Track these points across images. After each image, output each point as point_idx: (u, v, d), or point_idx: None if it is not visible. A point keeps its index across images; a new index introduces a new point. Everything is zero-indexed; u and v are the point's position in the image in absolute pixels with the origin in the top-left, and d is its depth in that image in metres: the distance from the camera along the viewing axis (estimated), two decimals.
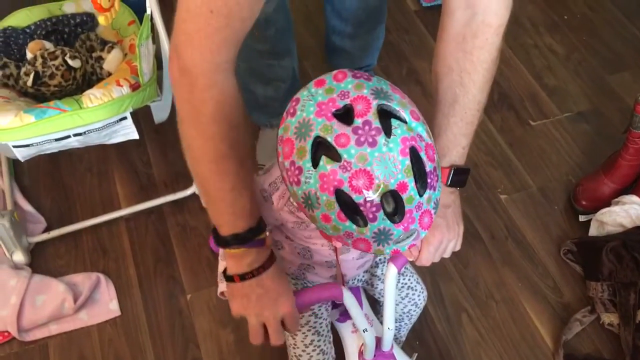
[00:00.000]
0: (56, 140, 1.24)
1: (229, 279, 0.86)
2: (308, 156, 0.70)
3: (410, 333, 1.28)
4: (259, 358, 1.36)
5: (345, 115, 0.70)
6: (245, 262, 0.84)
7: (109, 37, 1.49)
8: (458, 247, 0.97)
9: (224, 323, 1.41)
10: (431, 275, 1.47)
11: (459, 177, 0.92)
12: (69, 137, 1.24)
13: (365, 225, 0.70)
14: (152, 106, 1.41)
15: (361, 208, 0.69)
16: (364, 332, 0.94)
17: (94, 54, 1.43)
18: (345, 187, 0.68)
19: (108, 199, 1.62)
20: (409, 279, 1.13)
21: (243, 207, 0.81)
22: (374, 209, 0.69)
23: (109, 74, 1.38)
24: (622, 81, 1.90)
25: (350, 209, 0.69)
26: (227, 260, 0.86)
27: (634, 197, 1.51)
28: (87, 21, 1.52)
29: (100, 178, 1.66)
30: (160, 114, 1.46)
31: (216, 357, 1.36)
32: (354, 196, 0.69)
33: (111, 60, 1.40)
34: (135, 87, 1.27)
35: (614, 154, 1.59)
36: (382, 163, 0.68)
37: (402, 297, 1.12)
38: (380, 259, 1.12)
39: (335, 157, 0.69)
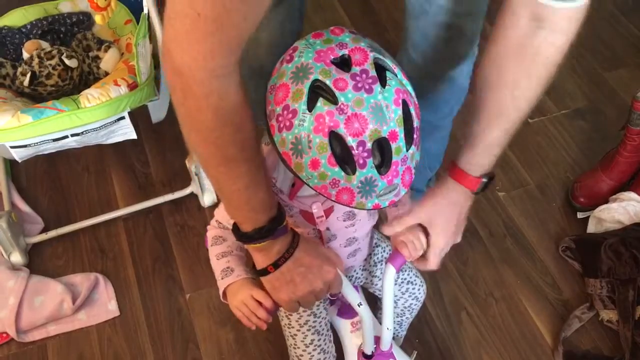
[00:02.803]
0: (54, 140, 1.24)
1: (263, 273, 0.84)
2: (305, 98, 0.71)
3: (410, 332, 1.28)
4: (259, 357, 1.36)
5: (342, 64, 0.73)
6: (273, 251, 0.82)
7: (105, 36, 1.49)
8: (458, 240, 0.97)
9: (223, 322, 1.41)
10: (430, 273, 1.46)
11: (487, 185, 0.91)
12: (66, 137, 1.24)
13: (354, 172, 0.72)
14: (150, 105, 1.40)
15: (353, 152, 0.71)
16: (358, 306, 0.93)
17: (90, 54, 1.43)
18: (341, 129, 0.71)
19: (106, 199, 1.61)
20: (408, 274, 1.13)
21: (261, 201, 0.79)
22: (365, 154, 0.71)
23: (106, 74, 1.37)
24: (619, 78, 1.90)
25: (342, 154, 0.72)
26: (254, 256, 0.84)
27: (632, 194, 1.51)
28: (84, 20, 1.51)
29: (97, 178, 1.66)
30: (157, 113, 1.46)
31: (216, 356, 1.36)
32: (347, 139, 0.71)
33: (108, 59, 1.40)
34: (132, 87, 1.27)
35: (611, 151, 1.60)
36: (377, 109, 0.71)
37: (402, 292, 1.13)
38: (377, 258, 1.12)
39: (332, 100, 0.71)
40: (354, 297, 0.93)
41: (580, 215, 1.57)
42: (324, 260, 0.86)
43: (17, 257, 1.45)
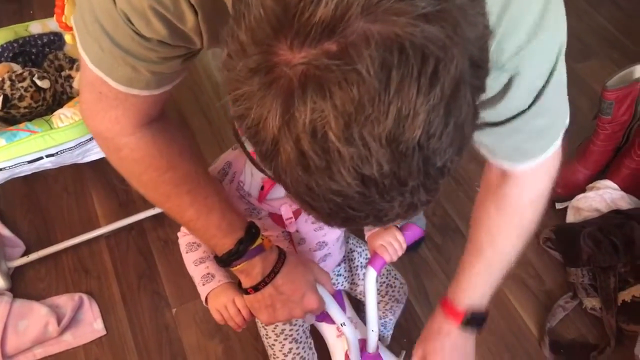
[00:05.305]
0: (29, 162, 1.23)
1: (245, 292, 0.85)
2: None
3: (397, 331, 1.29)
4: None
5: None
6: (254, 273, 0.82)
7: (77, 55, 1.48)
8: None
9: (211, 334, 1.40)
10: (414, 272, 1.48)
11: (474, 321, 0.89)
12: (41, 158, 1.23)
13: None
14: None
15: None
16: (342, 325, 0.94)
17: (63, 73, 1.42)
18: None
19: (87, 218, 1.60)
20: (387, 277, 1.13)
21: (218, 226, 0.80)
22: None
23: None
24: (589, 69, 1.93)
25: None
26: (239, 277, 0.85)
27: (607, 182, 1.54)
28: (55, 40, 1.51)
29: (77, 197, 1.65)
30: None
31: None
32: None
33: None
34: None
35: (585, 141, 1.62)
36: None
37: (382, 295, 1.13)
38: (355, 263, 1.13)
39: None
40: (338, 317, 0.93)
41: (558, 205, 1.59)
42: (308, 289, 0.86)
43: None
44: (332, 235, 1.01)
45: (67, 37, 1.33)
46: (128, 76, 0.64)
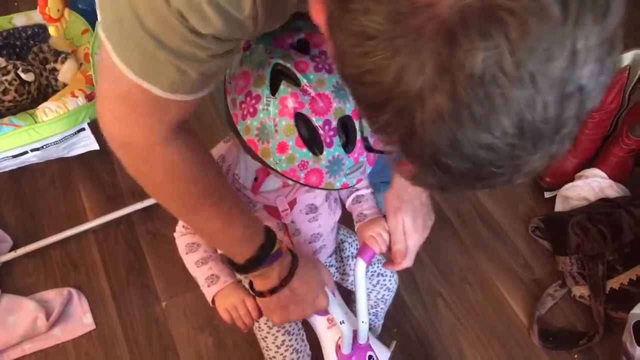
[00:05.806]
0: (14, 156, 1.22)
1: (259, 294, 0.85)
2: (267, 82, 0.71)
3: (388, 321, 1.29)
4: None
5: (301, 47, 0.73)
6: (272, 277, 0.83)
7: (62, 47, 1.46)
8: (426, 234, 0.99)
9: (201, 327, 1.40)
10: None
11: None
12: (26, 152, 1.22)
13: (321, 152, 0.73)
14: None
15: (319, 132, 0.72)
16: (341, 323, 0.94)
17: (47, 66, 1.41)
18: (306, 110, 0.71)
19: (74, 212, 1.59)
20: (378, 266, 1.13)
21: (242, 236, 0.80)
22: (331, 133, 0.72)
23: (65, 85, 1.36)
24: None
25: (308, 135, 0.72)
26: (253, 281, 0.85)
27: (596, 170, 1.54)
28: (39, 33, 1.49)
29: (64, 191, 1.63)
30: None
31: None
32: (313, 119, 0.71)
33: (66, 70, 1.38)
34: (91, 97, 1.25)
35: None
36: (339, 88, 0.72)
37: (373, 284, 1.13)
38: (346, 253, 1.13)
39: (294, 82, 0.71)
40: (338, 315, 0.94)
41: (547, 194, 1.60)
42: (320, 290, 0.88)
43: None
44: (327, 227, 1.01)
45: (51, 29, 1.31)
46: (173, 80, 0.61)
